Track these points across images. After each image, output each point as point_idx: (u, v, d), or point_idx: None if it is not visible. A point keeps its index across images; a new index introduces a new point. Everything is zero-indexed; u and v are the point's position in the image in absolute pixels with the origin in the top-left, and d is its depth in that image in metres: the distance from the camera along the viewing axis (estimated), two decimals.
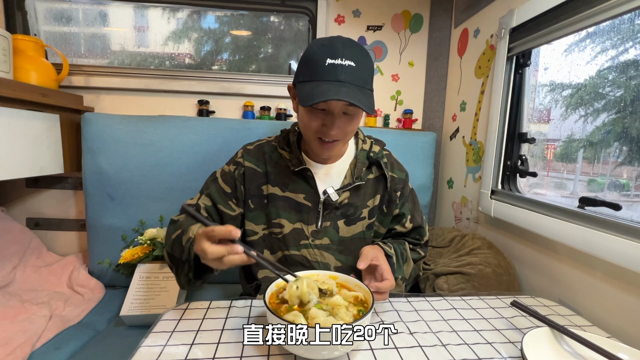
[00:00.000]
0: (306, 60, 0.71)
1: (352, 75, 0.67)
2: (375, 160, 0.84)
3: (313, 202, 0.81)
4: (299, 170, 0.80)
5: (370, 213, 0.85)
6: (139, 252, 1.15)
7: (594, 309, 0.82)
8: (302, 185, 0.81)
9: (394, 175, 0.87)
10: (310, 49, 0.71)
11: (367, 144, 0.88)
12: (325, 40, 0.71)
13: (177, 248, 0.68)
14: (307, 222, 0.82)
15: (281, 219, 0.81)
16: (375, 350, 0.58)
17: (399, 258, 0.79)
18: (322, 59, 0.67)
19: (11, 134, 1.07)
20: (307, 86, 0.68)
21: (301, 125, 0.77)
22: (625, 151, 0.95)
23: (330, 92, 0.65)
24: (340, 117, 0.71)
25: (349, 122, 0.73)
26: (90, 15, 1.56)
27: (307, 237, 0.81)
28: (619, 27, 0.91)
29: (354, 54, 0.68)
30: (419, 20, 1.62)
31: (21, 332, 0.92)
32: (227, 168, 0.85)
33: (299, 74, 0.73)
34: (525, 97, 1.14)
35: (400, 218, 0.88)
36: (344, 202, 0.82)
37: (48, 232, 1.48)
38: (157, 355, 0.55)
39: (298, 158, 0.81)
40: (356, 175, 0.83)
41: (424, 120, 1.69)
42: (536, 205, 0.99)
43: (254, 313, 0.69)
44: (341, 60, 0.66)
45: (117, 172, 1.24)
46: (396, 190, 0.86)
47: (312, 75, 0.68)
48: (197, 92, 1.52)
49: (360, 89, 0.68)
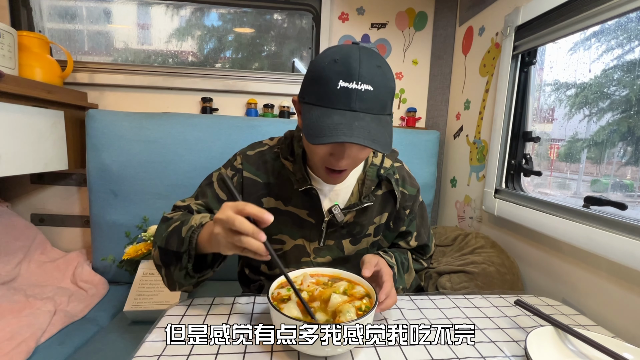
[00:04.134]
0: (315, 78, 0.59)
1: (368, 102, 0.56)
2: (386, 177, 0.77)
3: (317, 220, 0.75)
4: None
5: (376, 230, 0.80)
6: (142, 248, 1.16)
7: (599, 309, 0.82)
8: (306, 201, 0.74)
9: (404, 191, 0.81)
10: (320, 64, 0.59)
11: (377, 157, 0.79)
12: (337, 52, 0.58)
13: (174, 240, 0.61)
14: (310, 239, 0.77)
15: (283, 235, 0.76)
16: (379, 348, 0.58)
17: (399, 268, 0.77)
18: (333, 80, 0.55)
19: (16, 130, 1.07)
20: (314, 113, 0.58)
21: (307, 148, 0.69)
22: (630, 151, 0.94)
23: (340, 130, 0.54)
24: (351, 147, 0.61)
25: (361, 151, 0.63)
26: (94, 13, 1.56)
27: (309, 255, 0.77)
28: (625, 26, 0.90)
29: (372, 75, 0.56)
30: (423, 18, 1.61)
31: (26, 326, 0.93)
32: (224, 171, 0.78)
33: (305, 92, 0.62)
34: (530, 95, 1.13)
35: (405, 235, 0.84)
36: (350, 221, 0.76)
37: (52, 228, 1.49)
38: (161, 350, 0.55)
39: (302, 174, 0.72)
40: (364, 194, 0.75)
41: (427, 119, 1.68)
42: (540, 205, 0.99)
43: (257, 310, 0.69)
44: (356, 85, 0.55)
45: (120, 169, 1.24)
46: (405, 208, 0.81)
47: (321, 99, 0.57)
48: (201, 89, 1.52)
49: (376, 118, 0.58)
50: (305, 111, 0.60)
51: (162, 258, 0.64)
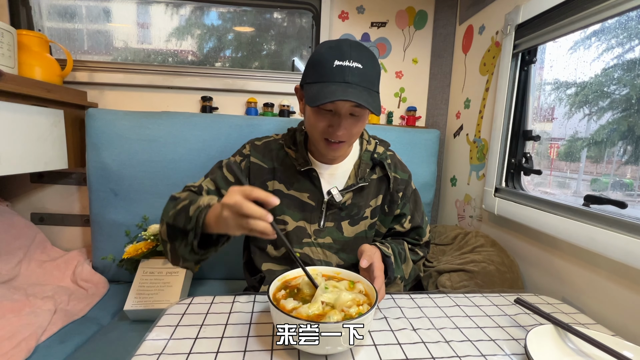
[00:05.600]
0: (314, 62, 0.72)
1: (359, 76, 0.68)
2: (379, 161, 0.85)
3: (317, 202, 0.82)
4: (305, 170, 0.81)
5: (373, 213, 0.86)
6: (142, 247, 1.15)
7: (598, 307, 0.82)
8: (307, 184, 0.82)
9: (396, 175, 0.88)
10: (318, 51, 0.72)
11: (371, 144, 0.88)
12: (332, 42, 0.72)
13: (182, 217, 0.66)
14: (310, 221, 0.83)
15: (285, 216, 0.82)
16: (379, 346, 0.58)
17: (396, 257, 0.80)
18: (329, 61, 0.68)
19: (15, 130, 1.07)
20: (315, 87, 0.69)
21: (308, 125, 0.78)
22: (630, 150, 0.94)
23: (338, 93, 0.65)
24: (347, 118, 0.71)
25: (356, 123, 0.73)
26: (93, 12, 1.56)
27: (310, 236, 0.82)
28: (625, 24, 0.90)
29: (361, 56, 0.69)
30: (423, 16, 1.61)
31: (26, 325, 0.93)
32: (232, 159, 0.86)
33: (306, 76, 0.74)
34: (531, 94, 1.13)
35: (400, 218, 0.90)
36: (348, 202, 0.83)
37: (52, 227, 1.49)
38: (162, 348, 0.55)
39: (304, 158, 0.82)
40: (360, 176, 0.83)
41: (427, 118, 1.68)
42: (540, 203, 0.99)
43: (258, 308, 0.69)
44: (348, 62, 0.67)
45: (120, 168, 1.24)
46: (398, 191, 0.87)
47: (320, 77, 0.69)
48: (201, 88, 1.52)
49: (367, 90, 0.68)
50: (307, 89, 0.72)
51: (169, 233, 0.69)
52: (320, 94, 0.66)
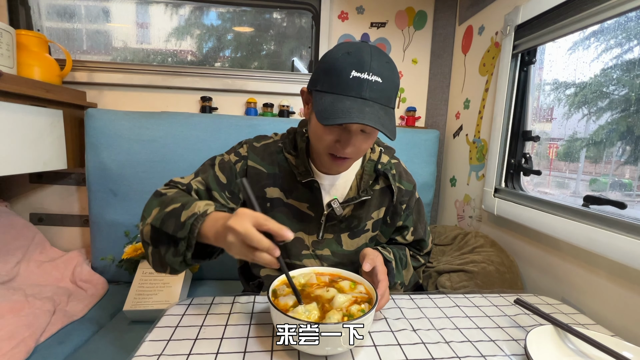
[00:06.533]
0: (327, 68, 0.63)
1: (377, 92, 0.61)
2: (383, 172, 0.80)
3: (316, 213, 0.78)
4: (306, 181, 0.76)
5: (374, 225, 0.82)
6: (141, 247, 1.15)
7: (598, 308, 0.82)
8: (307, 194, 0.77)
9: (401, 186, 0.83)
10: (334, 56, 0.64)
11: (375, 153, 0.82)
12: (351, 46, 0.63)
13: (172, 223, 0.59)
14: (309, 232, 0.79)
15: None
16: (379, 347, 0.58)
17: (398, 263, 0.77)
18: (346, 70, 0.60)
19: (14, 130, 1.07)
20: (327, 99, 0.62)
21: (312, 136, 0.71)
22: (629, 150, 0.94)
23: (353, 113, 0.59)
24: (357, 135, 0.65)
25: (366, 140, 0.67)
26: (93, 12, 1.55)
27: (308, 247, 0.79)
28: (624, 25, 0.91)
29: (382, 69, 0.61)
30: (423, 17, 1.61)
31: (25, 326, 0.93)
32: (227, 157, 0.78)
33: (317, 81, 0.66)
34: (530, 95, 1.13)
35: (402, 230, 0.86)
36: (348, 214, 0.78)
37: (51, 227, 1.49)
38: (161, 349, 0.55)
39: (305, 167, 0.75)
40: (362, 188, 0.78)
41: (427, 118, 1.68)
42: (540, 204, 0.99)
43: (257, 309, 0.69)
44: (368, 75, 0.60)
45: (120, 168, 1.24)
46: (402, 203, 0.83)
47: (333, 87, 0.62)
48: (200, 88, 1.52)
49: (383, 108, 0.62)
50: (317, 98, 0.64)
51: (153, 236, 0.62)
52: (333, 110, 0.60)
